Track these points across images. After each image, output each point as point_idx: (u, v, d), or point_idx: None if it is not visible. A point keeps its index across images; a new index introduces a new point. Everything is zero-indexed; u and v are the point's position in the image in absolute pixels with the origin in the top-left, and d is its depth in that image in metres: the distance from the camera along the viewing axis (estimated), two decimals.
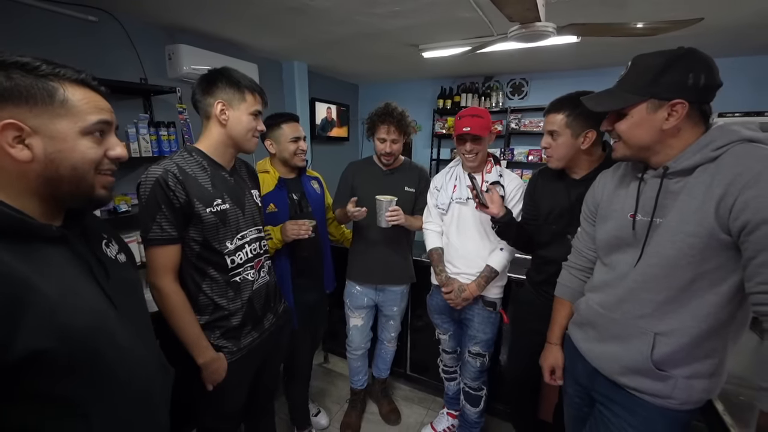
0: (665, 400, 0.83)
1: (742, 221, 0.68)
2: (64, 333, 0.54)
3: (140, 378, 0.68)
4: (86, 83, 0.61)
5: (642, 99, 0.79)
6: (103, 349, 0.60)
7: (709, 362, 0.80)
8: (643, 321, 0.83)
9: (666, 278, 0.79)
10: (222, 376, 1.08)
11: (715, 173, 0.73)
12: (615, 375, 0.90)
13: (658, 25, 1.36)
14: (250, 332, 1.16)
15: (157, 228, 0.97)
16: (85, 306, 0.59)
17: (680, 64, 0.76)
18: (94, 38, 2.03)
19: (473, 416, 1.66)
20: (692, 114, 0.77)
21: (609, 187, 0.97)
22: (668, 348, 0.80)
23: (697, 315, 0.77)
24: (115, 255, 0.72)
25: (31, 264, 0.53)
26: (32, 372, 0.52)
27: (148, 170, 0.98)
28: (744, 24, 2.06)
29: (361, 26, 2.27)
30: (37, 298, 0.52)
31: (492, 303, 1.52)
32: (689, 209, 0.75)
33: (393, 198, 1.51)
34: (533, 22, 1.28)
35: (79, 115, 0.59)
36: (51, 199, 0.60)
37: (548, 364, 1.15)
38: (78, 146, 0.59)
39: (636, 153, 0.84)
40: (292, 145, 1.50)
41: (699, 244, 0.74)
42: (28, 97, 0.54)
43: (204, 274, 1.06)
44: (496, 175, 1.48)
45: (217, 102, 1.03)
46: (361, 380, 1.97)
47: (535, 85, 3.70)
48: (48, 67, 0.56)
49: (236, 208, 1.10)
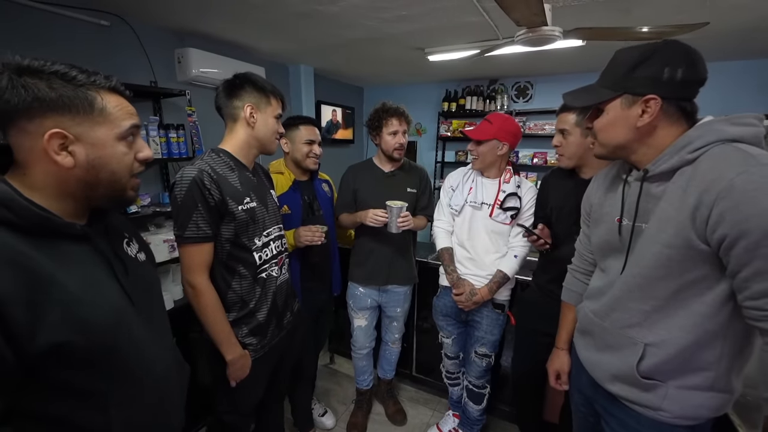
0: (656, 412, 0.79)
1: (720, 235, 0.64)
2: (84, 327, 0.57)
3: (157, 373, 0.71)
4: (117, 90, 0.64)
5: (616, 94, 0.75)
6: (121, 344, 0.62)
7: (703, 375, 0.75)
8: (632, 331, 0.81)
9: (649, 288, 0.77)
10: (246, 373, 1.12)
11: (690, 178, 0.69)
12: (606, 383, 0.88)
13: (664, 29, 1.37)
14: (274, 329, 1.20)
15: (194, 226, 1.01)
16: (105, 302, 0.62)
17: (656, 57, 0.71)
18: (107, 42, 2.07)
19: (475, 413, 1.67)
20: (668, 111, 0.72)
21: (601, 189, 0.94)
22: (656, 359, 0.77)
23: (685, 325, 0.74)
24: (135, 254, 0.75)
25: (56, 260, 0.56)
26: (53, 364, 0.54)
27: (183, 171, 1.02)
28: (749, 28, 2.06)
29: (367, 30, 2.30)
30: (60, 293, 0.55)
31: (501, 305, 1.53)
32: (666, 217, 0.72)
33: (404, 204, 1.52)
34: (540, 27, 1.30)
35: (115, 122, 0.62)
36: (84, 200, 0.64)
37: (554, 369, 1.15)
38: (116, 152, 0.63)
39: (612, 152, 0.81)
40: (306, 147, 1.54)
41: (677, 255, 0.70)
42: (71, 106, 0.58)
43: (234, 272, 1.10)
44: (513, 186, 1.48)
45: (246, 105, 1.09)
46: (367, 380, 1.98)
47: (540, 88, 3.71)
48: (83, 76, 0.59)
49: (262, 206, 1.15)
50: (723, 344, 0.73)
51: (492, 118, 1.45)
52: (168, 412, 0.74)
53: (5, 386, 0.51)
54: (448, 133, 4.04)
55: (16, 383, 0.52)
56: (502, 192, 1.47)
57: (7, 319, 0.49)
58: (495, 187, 1.49)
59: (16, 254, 0.52)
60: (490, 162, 1.48)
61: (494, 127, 1.42)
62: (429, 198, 1.79)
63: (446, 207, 1.61)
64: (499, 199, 1.46)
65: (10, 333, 0.49)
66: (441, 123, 4.08)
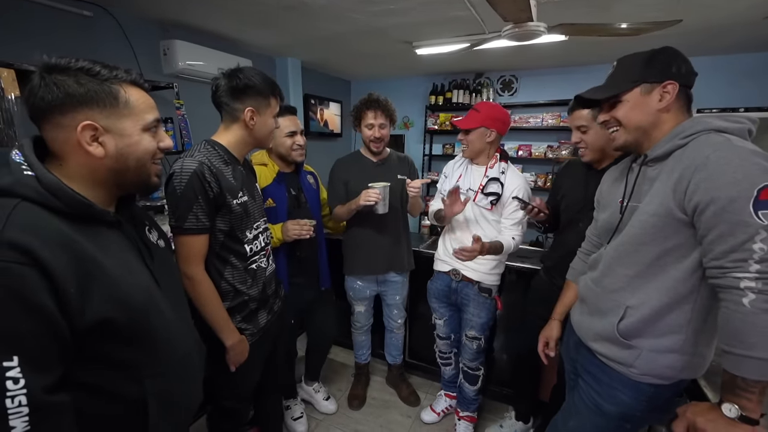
0: (628, 368, 0.89)
1: (695, 202, 0.74)
2: (125, 305, 0.62)
3: (182, 350, 0.76)
4: (137, 83, 0.68)
5: (635, 84, 0.86)
6: (154, 323, 0.68)
7: (673, 338, 0.84)
8: (617, 294, 0.90)
9: (635, 254, 0.86)
10: (245, 356, 1.15)
11: (678, 159, 0.79)
12: (589, 341, 0.98)
13: (641, 26, 1.45)
14: (265, 315, 1.24)
15: (193, 218, 1.02)
16: (139, 284, 0.67)
17: (662, 56, 0.85)
18: (89, 33, 2.03)
19: (471, 393, 1.75)
20: (681, 96, 0.84)
21: (611, 177, 1.05)
22: (633, 319, 0.86)
23: (660, 288, 0.83)
24: (156, 240, 0.80)
25: (97, 244, 0.61)
26: (98, 337, 0.59)
27: (183, 163, 1.03)
28: (718, 25, 2.18)
29: (355, 23, 2.32)
30: (102, 275, 0.60)
31: (487, 289, 1.59)
32: (656, 192, 0.82)
33: (386, 184, 1.55)
34: (526, 22, 1.35)
35: (139, 114, 0.67)
36: (114, 188, 0.68)
37: (543, 336, 1.23)
38: (142, 141, 0.67)
39: (635, 136, 0.89)
40: (288, 140, 1.51)
41: (659, 222, 0.80)
42: (98, 100, 0.61)
43: (226, 262, 1.12)
44: (497, 172, 1.52)
45: (247, 109, 1.09)
46: (365, 354, 2.09)
47: (524, 82, 3.79)
48: (106, 71, 0.63)
49: (252, 199, 1.17)
50: (692, 308, 0.83)
51: (479, 107, 1.50)
52: (190, 386, 0.80)
53: (63, 356, 0.56)
54: (436, 126, 4.09)
55: (71, 354, 0.57)
56: (486, 177, 1.52)
57: (64, 297, 0.54)
58: (482, 174, 1.54)
59: (68, 239, 0.57)
60: (479, 149, 1.52)
61: (481, 115, 1.47)
62: None
63: (438, 194, 1.68)
64: (482, 184, 1.52)
65: (66, 309, 0.55)
66: (428, 116, 4.13)
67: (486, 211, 1.53)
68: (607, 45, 2.69)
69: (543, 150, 3.68)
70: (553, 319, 1.23)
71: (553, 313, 1.24)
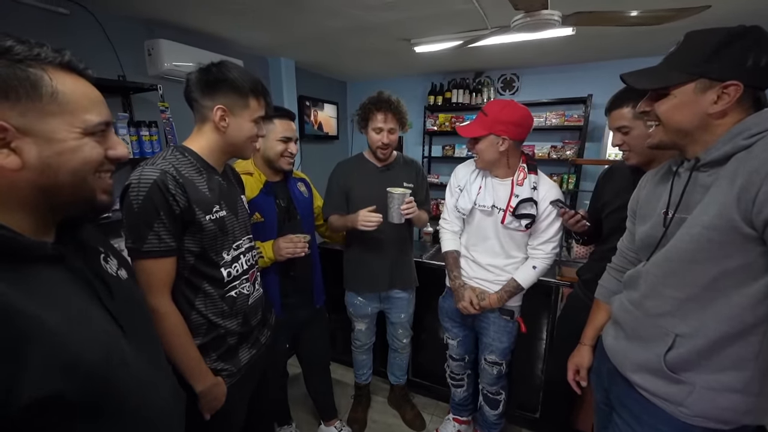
0: (677, 407, 0.76)
1: (766, 216, 0.61)
2: (76, 370, 0.45)
3: (156, 406, 0.61)
4: (73, 67, 0.51)
5: (691, 78, 0.70)
6: (117, 383, 0.51)
7: (736, 374, 0.71)
8: (664, 320, 0.78)
9: (686, 274, 0.73)
10: (221, 402, 0.97)
11: (742, 161, 0.66)
12: (628, 372, 0.85)
13: (663, 14, 1.33)
14: (248, 350, 1.06)
15: (155, 238, 0.85)
16: (94, 335, 0.50)
17: (741, 42, 0.67)
18: (66, 32, 1.89)
19: (492, 418, 1.60)
20: (744, 99, 0.69)
21: (650, 185, 0.92)
22: (685, 350, 0.74)
23: (719, 315, 0.70)
24: (116, 271, 0.63)
25: (30, 291, 0.45)
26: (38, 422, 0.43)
27: (142, 172, 0.85)
28: (751, 11, 2.03)
29: (352, 20, 2.19)
30: (43, 333, 0.43)
31: (510, 312, 1.42)
32: (712, 201, 0.69)
33: (406, 191, 1.40)
34: (539, 10, 1.22)
35: (75, 113, 0.50)
36: (44, 211, 0.51)
37: (573, 363, 1.10)
38: (81, 148, 0.50)
39: (674, 139, 0.77)
40: (281, 144, 1.36)
41: (718, 237, 0.67)
42: (7, 90, 0.44)
43: (197, 290, 0.95)
44: (528, 189, 1.28)
45: (216, 108, 0.92)
46: (366, 374, 1.93)
47: (526, 81, 3.67)
48: (22, 48, 0.46)
49: (232, 215, 1.00)
50: (761, 341, 0.69)
51: (488, 108, 1.26)
52: None
53: None
54: (435, 127, 3.97)
55: None
56: (515, 197, 1.28)
57: None
58: (507, 189, 1.31)
59: None
60: (491, 160, 1.30)
61: (489, 120, 1.24)
62: (426, 193, 1.70)
63: (452, 208, 1.46)
64: (512, 205, 1.28)
65: None
66: (427, 117, 4.00)
67: (517, 233, 1.33)
68: (613, 40, 2.57)
69: (547, 150, 3.55)
70: (582, 344, 1.09)
71: (583, 337, 1.10)
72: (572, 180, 3.37)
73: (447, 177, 4.05)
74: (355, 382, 1.98)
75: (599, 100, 3.23)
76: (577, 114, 3.34)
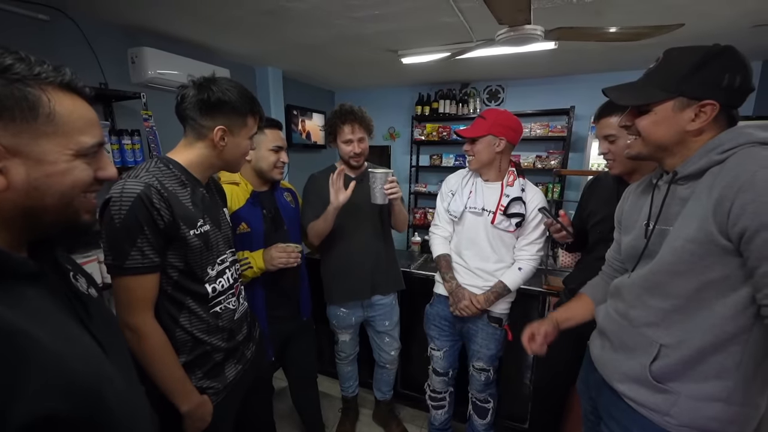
0: (663, 417, 0.76)
1: (741, 227, 0.63)
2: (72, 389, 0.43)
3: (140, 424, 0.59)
4: (73, 88, 0.49)
5: (670, 96, 0.73)
6: (109, 402, 0.49)
7: (719, 384, 0.72)
8: (648, 330, 0.79)
9: (670, 286, 0.75)
10: (207, 422, 0.94)
11: (716, 176, 0.69)
12: (614, 381, 0.85)
13: (640, 30, 1.38)
14: (234, 366, 1.03)
15: (137, 254, 0.82)
16: (82, 352, 0.48)
17: (717, 62, 0.70)
18: (46, 39, 1.85)
19: (481, 428, 1.59)
20: (720, 117, 0.72)
21: (632, 198, 0.94)
22: (670, 360, 0.75)
23: (702, 325, 0.72)
24: (86, 289, 0.60)
25: (21, 310, 0.43)
26: None
27: (124, 185, 0.82)
28: (707, 33, 2.14)
29: (339, 30, 2.20)
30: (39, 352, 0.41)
31: (497, 319, 1.44)
32: (691, 214, 0.71)
33: (389, 170, 1.40)
34: (523, 25, 1.25)
35: (71, 135, 0.48)
36: (19, 230, 0.49)
37: (531, 327, 1.05)
38: (71, 171, 0.49)
39: (652, 152, 0.79)
40: (273, 155, 1.34)
41: (699, 250, 0.69)
42: (1, 110, 0.43)
43: (182, 306, 0.91)
44: (518, 190, 1.37)
45: (217, 128, 0.91)
46: (353, 386, 1.91)
47: (511, 92, 3.75)
48: (22, 66, 0.44)
49: (215, 228, 0.97)
50: (743, 350, 0.70)
51: (486, 114, 1.37)
52: None
53: None
54: (422, 137, 4.00)
55: None
56: (506, 196, 1.36)
57: None
58: (497, 192, 1.38)
59: None
60: (487, 160, 1.37)
61: (488, 122, 1.34)
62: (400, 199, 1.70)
63: (443, 213, 1.51)
64: (502, 205, 1.36)
65: None
66: (415, 127, 4.04)
67: (506, 234, 1.39)
68: (594, 54, 2.66)
69: (532, 160, 3.62)
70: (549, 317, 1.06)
71: (553, 312, 1.08)
72: (557, 189, 3.43)
73: (434, 186, 4.09)
74: (342, 396, 1.94)
75: (581, 112, 3.33)
76: (560, 125, 3.42)
